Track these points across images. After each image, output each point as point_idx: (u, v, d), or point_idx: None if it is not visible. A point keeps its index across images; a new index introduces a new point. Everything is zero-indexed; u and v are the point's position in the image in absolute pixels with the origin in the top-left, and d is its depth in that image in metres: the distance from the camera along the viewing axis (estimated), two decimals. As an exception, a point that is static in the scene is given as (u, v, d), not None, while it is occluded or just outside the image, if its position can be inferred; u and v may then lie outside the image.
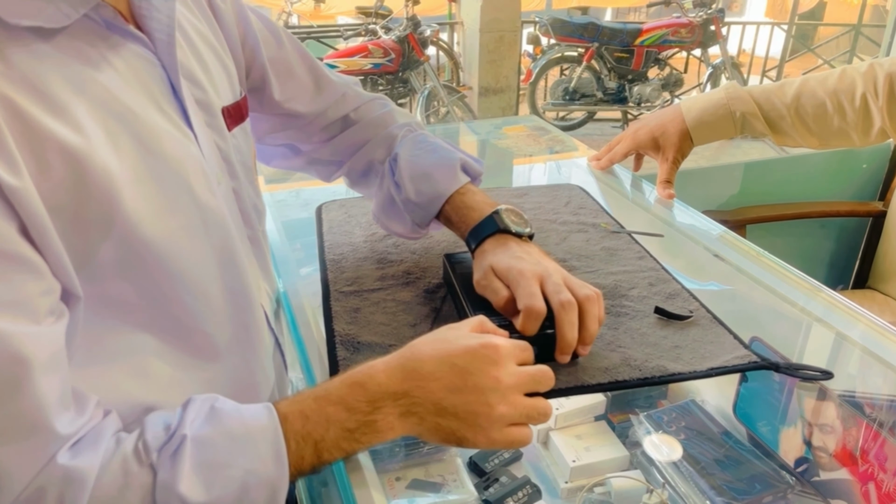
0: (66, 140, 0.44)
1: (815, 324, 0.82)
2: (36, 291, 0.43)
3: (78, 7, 0.47)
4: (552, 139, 1.32)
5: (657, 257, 0.86)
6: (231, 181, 0.62)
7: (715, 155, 1.64)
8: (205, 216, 0.55)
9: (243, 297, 0.61)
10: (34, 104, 0.44)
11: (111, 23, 0.50)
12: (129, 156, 0.49)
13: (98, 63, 0.49)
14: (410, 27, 4.29)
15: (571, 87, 5.06)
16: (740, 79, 5.25)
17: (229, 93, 0.65)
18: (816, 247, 1.80)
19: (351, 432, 0.50)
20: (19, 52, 0.44)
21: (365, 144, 0.81)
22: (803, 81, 1.05)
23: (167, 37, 0.55)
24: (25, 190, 0.42)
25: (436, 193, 0.74)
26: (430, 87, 4.34)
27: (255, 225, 0.67)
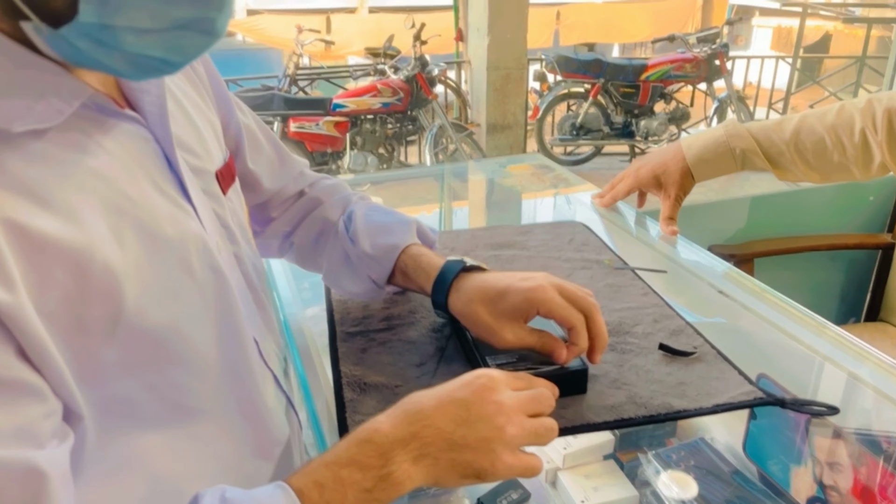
0: (67, 242, 0.43)
1: (822, 361, 0.81)
2: (39, 415, 0.41)
3: (71, 101, 0.46)
4: (556, 177, 1.34)
5: (661, 294, 0.87)
6: (232, 246, 0.61)
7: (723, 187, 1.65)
8: (205, 294, 0.54)
9: (247, 368, 0.59)
10: (32, 211, 0.42)
11: (104, 107, 0.49)
12: (132, 247, 0.48)
13: (93, 151, 0.48)
14: (418, 67, 4.37)
15: (578, 122, 5.11)
16: (746, 111, 5.28)
17: (219, 154, 0.64)
18: (827, 280, 1.79)
19: (370, 492, 0.48)
20: (13, 157, 0.42)
21: (318, 207, 0.81)
22: (801, 118, 1.06)
23: (159, 109, 0.53)
24: (20, 307, 0.40)
25: (392, 245, 0.74)
26: (439, 124, 4.40)
27: (258, 286, 0.66)
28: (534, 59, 5.21)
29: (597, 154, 5.37)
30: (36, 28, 0.42)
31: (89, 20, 0.41)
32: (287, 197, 0.82)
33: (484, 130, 4.66)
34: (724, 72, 5.09)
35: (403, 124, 4.54)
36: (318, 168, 4.40)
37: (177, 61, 0.46)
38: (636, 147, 5.25)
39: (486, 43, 4.35)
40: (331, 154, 4.43)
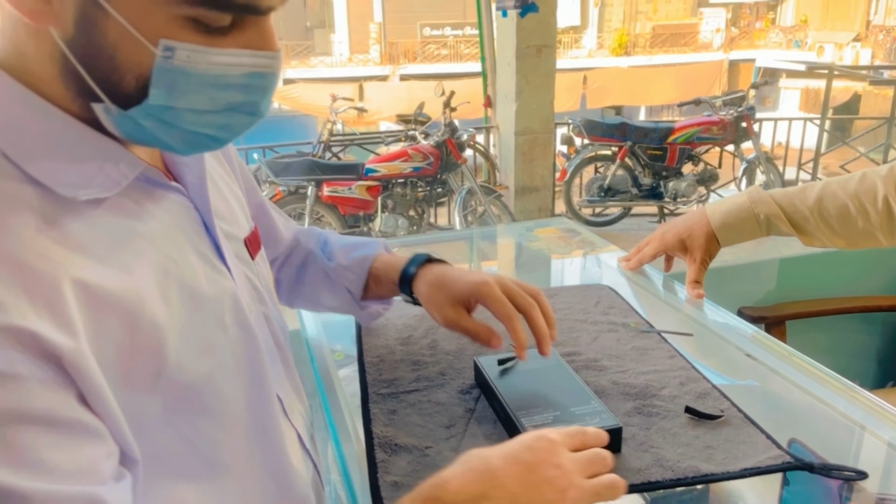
0: (122, 299, 0.47)
1: (856, 427, 0.81)
2: (100, 455, 0.44)
3: (128, 174, 0.51)
4: (583, 240, 1.36)
5: (688, 357, 0.88)
6: (261, 307, 0.65)
7: (753, 249, 1.65)
8: (237, 350, 0.58)
9: (273, 425, 0.62)
10: (93, 269, 0.46)
11: (153, 179, 0.55)
12: (175, 304, 0.52)
13: (143, 217, 0.53)
14: (448, 132, 4.49)
15: (606, 184, 5.15)
16: (776, 172, 5.28)
17: (246, 224, 0.69)
18: (862, 342, 1.76)
19: None
20: (74, 222, 0.47)
21: (297, 247, 0.91)
22: (825, 185, 1.08)
23: (199, 181, 0.60)
24: (82, 354, 0.44)
25: (364, 255, 0.85)
26: (468, 187, 4.49)
27: (284, 346, 0.70)
28: (561, 123, 5.31)
29: (625, 215, 5.39)
30: (106, 109, 0.48)
31: (157, 102, 0.48)
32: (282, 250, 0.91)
33: (512, 193, 4.73)
34: (751, 134, 5.12)
35: (433, 187, 4.63)
36: (350, 230, 4.50)
37: (224, 138, 0.53)
38: (665, 208, 5.25)
39: (513, 109, 4.46)
40: (363, 217, 4.54)
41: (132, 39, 0.45)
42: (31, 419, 0.41)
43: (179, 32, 0.46)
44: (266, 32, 0.50)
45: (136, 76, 0.47)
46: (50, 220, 0.46)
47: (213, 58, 0.47)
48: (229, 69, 0.48)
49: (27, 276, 0.43)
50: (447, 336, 0.93)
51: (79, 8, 0.45)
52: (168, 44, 0.46)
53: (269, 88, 0.51)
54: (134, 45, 0.46)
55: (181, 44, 0.46)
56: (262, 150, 4.82)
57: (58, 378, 0.43)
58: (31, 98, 0.48)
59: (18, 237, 0.44)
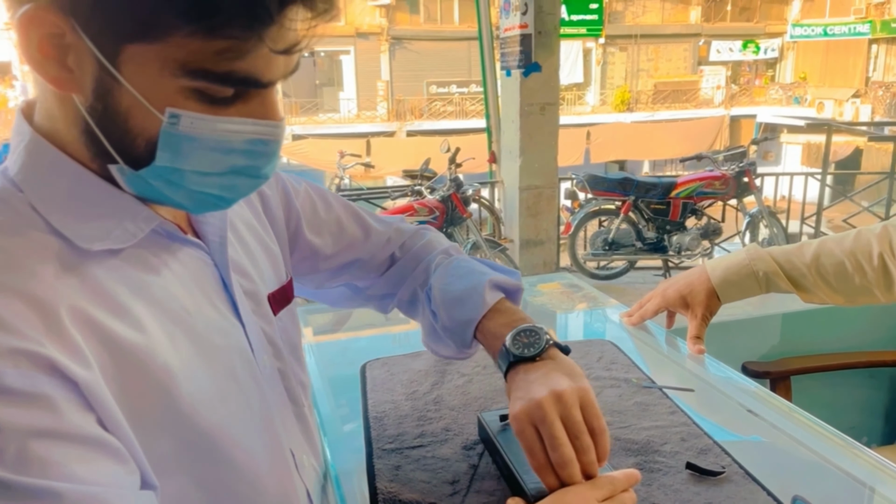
0: (130, 341, 0.51)
1: (859, 486, 0.81)
2: (124, 471, 0.47)
3: (143, 226, 0.55)
4: (585, 295, 1.38)
5: (690, 412, 0.88)
6: (277, 362, 0.67)
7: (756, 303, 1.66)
8: (249, 402, 0.60)
9: (287, 478, 0.64)
10: (103, 311, 0.50)
11: (171, 233, 0.58)
12: (185, 352, 0.55)
13: (159, 269, 0.56)
14: (453, 187, 4.56)
15: (610, 238, 5.19)
16: (779, 226, 5.31)
17: (274, 279, 0.71)
18: (868, 398, 1.75)
19: None
20: (92, 269, 0.51)
21: (409, 276, 0.88)
22: (821, 242, 1.10)
23: (220, 238, 0.63)
24: (97, 383, 0.47)
25: (466, 320, 0.77)
26: (473, 241, 4.53)
27: (301, 401, 0.72)
28: (565, 178, 5.39)
29: (630, 269, 5.40)
30: (120, 169, 0.53)
31: (163, 164, 0.52)
32: (380, 262, 0.89)
33: (517, 246, 4.77)
34: (752, 188, 5.18)
35: (439, 241, 4.67)
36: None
37: (229, 198, 0.56)
38: (669, 261, 5.27)
39: (518, 165, 4.54)
40: (369, 270, 4.56)
41: (142, 107, 0.50)
42: (60, 435, 0.44)
43: (185, 102, 0.50)
44: (268, 103, 0.53)
45: (145, 140, 0.51)
46: (69, 268, 0.50)
47: (216, 125, 0.51)
48: (231, 136, 0.52)
49: (45, 314, 0.47)
50: (452, 391, 0.94)
51: (96, 78, 0.49)
52: (174, 111, 0.50)
53: (272, 154, 0.55)
54: (143, 113, 0.50)
55: (186, 112, 0.50)
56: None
57: (80, 401, 0.46)
58: (60, 157, 0.53)
59: (39, 280, 0.48)
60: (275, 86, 0.53)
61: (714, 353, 1.09)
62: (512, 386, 0.67)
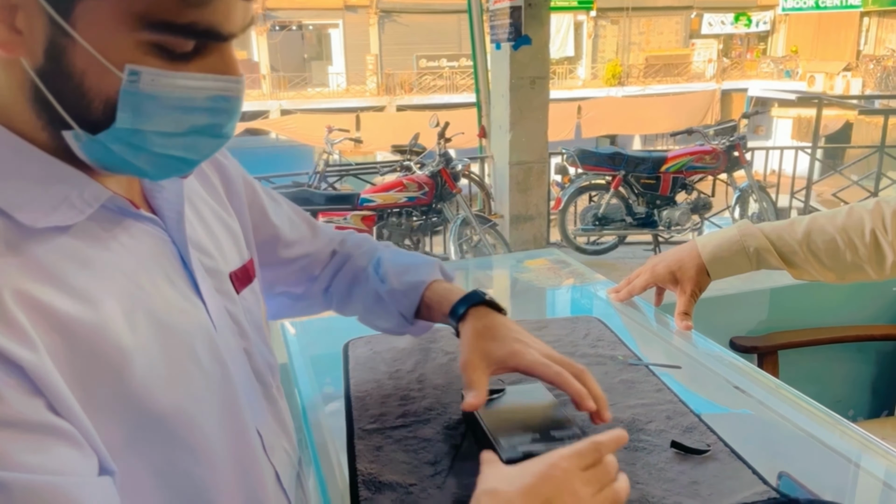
0: (80, 321, 0.48)
1: (844, 461, 0.80)
2: (77, 456, 0.45)
3: (91, 202, 0.52)
4: (572, 271, 1.37)
5: (676, 390, 0.87)
6: (242, 341, 0.65)
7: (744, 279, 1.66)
8: (211, 384, 0.58)
9: (251, 461, 0.62)
10: (50, 290, 0.47)
11: (123, 209, 0.56)
12: (142, 331, 0.52)
13: (112, 246, 0.54)
14: (443, 163, 4.52)
15: (601, 213, 5.18)
16: (769, 200, 5.31)
17: (236, 257, 0.69)
18: (856, 372, 1.75)
19: None
20: (37, 248, 0.48)
21: (349, 261, 0.91)
22: (812, 219, 1.09)
23: (177, 214, 0.60)
24: (44, 366, 0.45)
25: (418, 280, 0.83)
26: (463, 217, 4.51)
27: (269, 382, 0.69)
28: (555, 153, 5.36)
29: (620, 243, 5.41)
30: (75, 135, 0.50)
31: (124, 126, 0.49)
32: (323, 258, 0.91)
33: (507, 222, 4.75)
34: (742, 162, 5.17)
35: (429, 217, 4.65)
36: (345, 260, 4.49)
37: (192, 159, 0.54)
38: (659, 236, 5.28)
39: (508, 139, 4.51)
40: (358, 247, 4.54)
41: (99, 65, 0.47)
42: (5, 424, 0.42)
43: (144, 58, 0.48)
44: (228, 58, 0.51)
45: (103, 101, 0.49)
46: (11, 247, 0.47)
47: (177, 81, 0.49)
48: (193, 92, 0.50)
49: None
50: (435, 370, 0.92)
51: (48, 37, 0.47)
52: (133, 68, 0.47)
53: (234, 112, 0.53)
54: (101, 71, 0.47)
55: (146, 68, 0.48)
56: (258, 181, 4.84)
57: (24, 385, 0.44)
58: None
59: None
60: (233, 39, 0.51)
61: (702, 329, 1.08)
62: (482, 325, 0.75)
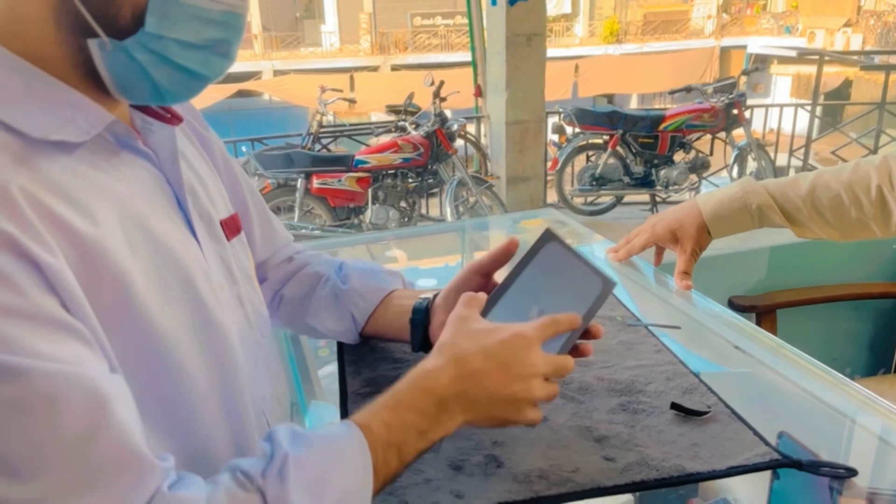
0: (84, 235, 0.49)
1: (845, 419, 0.79)
2: (90, 354, 0.47)
3: (96, 124, 0.54)
4: (570, 232, 1.34)
5: (676, 350, 0.86)
6: (234, 287, 0.66)
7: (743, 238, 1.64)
8: (207, 318, 0.59)
9: (243, 407, 0.62)
10: (58, 201, 0.49)
11: (123, 140, 0.57)
12: (142, 253, 0.54)
13: (112, 173, 0.55)
14: (438, 123, 4.46)
15: (598, 172, 5.13)
16: (767, 158, 5.26)
17: (223, 207, 0.70)
18: (853, 330, 1.75)
19: (424, 433, 0.57)
20: (45, 162, 0.50)
21: (306, 266, 0.88)
22: (817, 175, 1.06)
23: (171, 155, 0.61)
24: (61, 270, 0.46)
25: (381, 286, 0.82)
26: (459, 178, 4.46)
27: (260, 330, 0.70)
28: (552, 112, 5.28)
29: (617, 204, 5.37)
30: (100, 44, 0.52)
31: (151, 30, 0.52)
32: (280, 261, 0.89)
33: (504, 183, 4.71)
34: (742, 120, 5.11)
35: (424, 178, 4.60)
36: (341, 223, 4.47)
37: (205, 76, 0.57)
38: (657, 196, 5.24)
39: (504, 98, 4.43)
40: (353, 209, 4.50)
41: None
42: (22, 314, 0.43)
43: None
44: None
45: (132, 7, 0.51)
46: (21, 160, 0.48)
47: None
48: (209, 4, 0.54)
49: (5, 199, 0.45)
50: (430, 332, 0.91)
51: None
52: None
53: (240, 30, 0.57)
54: None
55: None
56: (251, 143, 4.78)
57: (42, 284, 0.45)
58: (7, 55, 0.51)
59: None
60: None
61: (700, 289, 1.07)
62: None
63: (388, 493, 0.61)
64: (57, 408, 0.43)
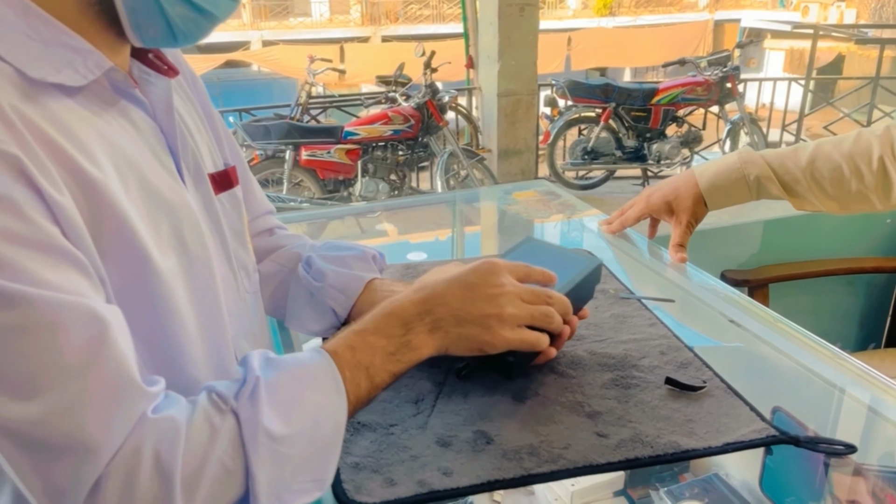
0: (90, 174, 0.50)
1: (840, 393, 0.78)
2: (91, 285, 0.47)
3: (94, 70, 0.53)
4: (563, 203, 1.31)
5: (670, 324, 0.84)
6: (219, 239, 0.66)
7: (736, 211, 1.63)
8: (192, 264, 0.59)
9: (225, 352, 0.62)
10: (64, 139, 0.49)
11: (120, 88, 0.57)
12: (134, 194, 0.54)
13: (108, 119, 0.55)
14: (429, 94, 4.39)
15: (590, 146, 5.10)
16: (760, 133, 5.24)
17: (211, 163, 0.70)
18: (845, 304, 1.74)
19: (393, 354, 0.58)
20: (50, 101, 0.50)
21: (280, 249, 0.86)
22: (817, 145, 1.03)
23: (166, 106, 0.61)
24: (69, 207, 0.47)
25: (356, 276, 0.80)
26: (450, 150, 4.41)
27: (245, 285, 0.71)
28: (544, 85, 5.22)
29: (609, 178, 5.35)
30: None
31: None
32: (259, 230, 0.87)
33: (495, 156, 4.67)
34: (735, 94, 5.07)
35: (415, 151, 4.55)
36: (330, 195, 4.42)
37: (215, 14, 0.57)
38: (649, 171, 5.21)
39: (496, 70, 4.37)
40: (342, 181, 4.45)
41: None
42: (27, 242, 0.44)
43: None
44: None
45: None
46: (27, 96, 0.49)
47: None
48: None
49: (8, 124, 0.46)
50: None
51: None
52: None
53: None
54: None
55: None
56: (239, 113, 4.70)
57: (46, 213, 0.46)
58: None
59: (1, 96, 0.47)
60: None
61: (693, 262, 1.05)
62: None
63: (373, 471, 0.59)
64: (58, 335, 0.44)
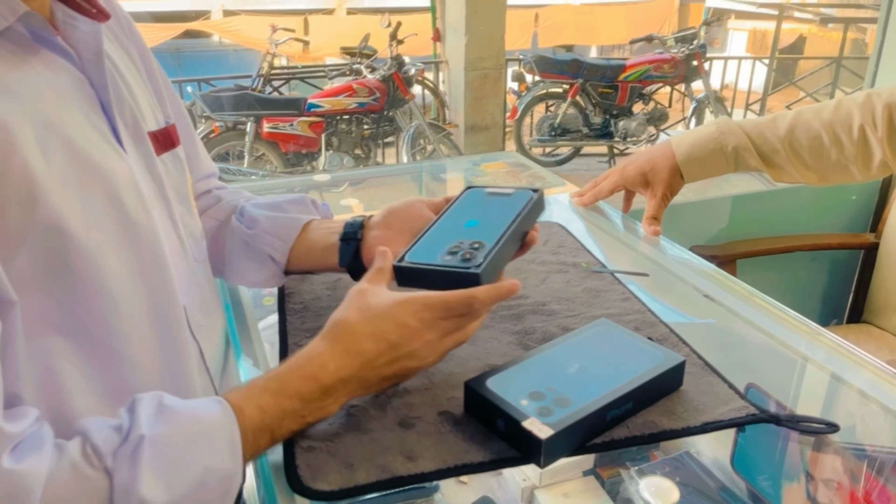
0: None
1: (812, 368, 0.76)
2: None
3: (7, 15, 0.48)
4: (532, 175, 1.28)
5: (643, 298, 0.81)
6: (164, 203, 0.61)
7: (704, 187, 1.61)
8: (135, 232, 0.54)
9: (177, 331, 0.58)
10: None
11: (40, 35, 0.51)
12: (57, 161, 0.48)
13: (26, 69, 0.49)
14: (395, 66, 4.30)
15: (557, 123, 5.08)
16: (724, 112, 5.29)
17: (153, 120, 0.64)
18: (809, 280, 1.75)
19: (304, 417, 0.54)
20: None
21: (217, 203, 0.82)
22: (797, 114, 1.01)
23: (95, 56, 0.55)
24: None
25: (291, 219, 0.75)
26: (416, 125, 4.34)
27: (194, 254, 0.66)
28: (512, 60, 5.17)
29: (575, 155, 5.35)
30: None
31: None
32: (200, 192, 0.82)
33: (462, 131, 4.62)
34: (701, 72, 5.09)
35: (380, 125, 4.47)
36: (293, 169, 4.32)
37: None
38: (615, 148, 5.23)
39: (463, 43, 4.30)
40: (305, 155, 4.35)
41: None
42: None
43: None
44: None
45: None
46: None
47: None
48: None
49: None
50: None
51: None
52: None
53: None
54: None
55: None
56: (198, 84, 4.54)
57: None
58: None
59: None
60: None
61: (662, 237, 1.02)
62: None
63: (331, 455, 0.54)
64: None
